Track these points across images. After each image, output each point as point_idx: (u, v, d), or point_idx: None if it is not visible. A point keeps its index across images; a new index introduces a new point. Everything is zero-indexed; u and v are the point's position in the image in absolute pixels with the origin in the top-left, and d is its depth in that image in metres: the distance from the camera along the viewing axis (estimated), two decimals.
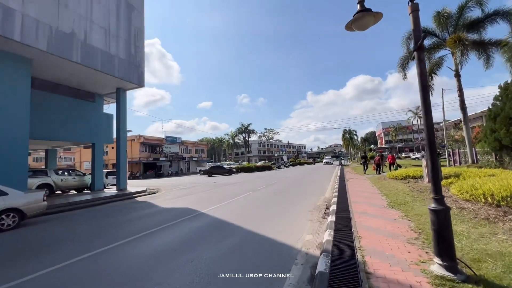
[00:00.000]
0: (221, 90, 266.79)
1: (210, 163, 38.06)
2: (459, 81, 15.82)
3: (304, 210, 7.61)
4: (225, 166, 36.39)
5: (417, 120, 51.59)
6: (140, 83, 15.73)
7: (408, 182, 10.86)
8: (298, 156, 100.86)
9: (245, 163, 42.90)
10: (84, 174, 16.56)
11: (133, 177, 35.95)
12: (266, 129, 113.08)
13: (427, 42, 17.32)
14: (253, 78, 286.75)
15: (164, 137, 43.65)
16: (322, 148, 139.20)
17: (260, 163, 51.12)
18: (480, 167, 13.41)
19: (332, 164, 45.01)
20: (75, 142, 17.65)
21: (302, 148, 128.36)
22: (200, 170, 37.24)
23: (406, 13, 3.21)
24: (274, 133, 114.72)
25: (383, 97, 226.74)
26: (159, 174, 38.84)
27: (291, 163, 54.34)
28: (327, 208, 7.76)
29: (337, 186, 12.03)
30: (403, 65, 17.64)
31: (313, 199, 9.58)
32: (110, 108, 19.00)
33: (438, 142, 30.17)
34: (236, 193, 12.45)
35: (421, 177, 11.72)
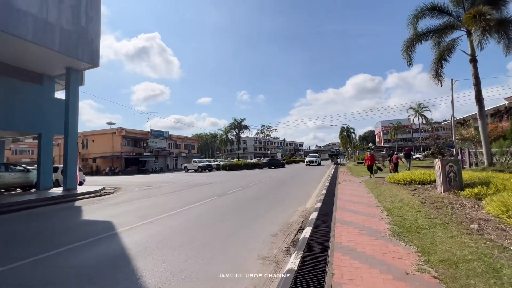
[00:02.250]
0: (221, 86, 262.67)
1: (197, 159, 35.48)
2: (475, 67, 13.29)
3: (266, 233, 5.09)
4: (213, 163, 33.98)
5: (418, 118, 49.13)
6: (93, 62, 13.04)
7: (415, 189, 8.36)
8: (295, 154, 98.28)
9: (234, 160, 40.35)
10: (28, 170, 13.95)
11: (112, 173, 33.35)
12: (263, 125, 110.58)
13: (437, 22, 14.76)
14: (253, 75, 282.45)
15: (149, 130, 40.94)
16: (320, 146, 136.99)
17: (255, 160, 48.67)
18: (500, 171, 10.97)
19: (318, 164, 36.65)
20: (21, 132, 15.01)
21: (300, 146, 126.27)
22: (185, 167, 34.76)
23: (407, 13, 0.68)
24: (272, 130, 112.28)
25: (383, 97, 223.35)
26: (142, 170, 36.24)
27: (285, 161, 51.74)
28: (301, 229, 5.25)
29: (325, 191, 9.55)
30: (409, 49, 15.05)
31: (288, 211, 7.06)
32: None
33: (441, 141, 27.73)
34: (200, 197, 9.94)
35: (431, 182, 9.22)
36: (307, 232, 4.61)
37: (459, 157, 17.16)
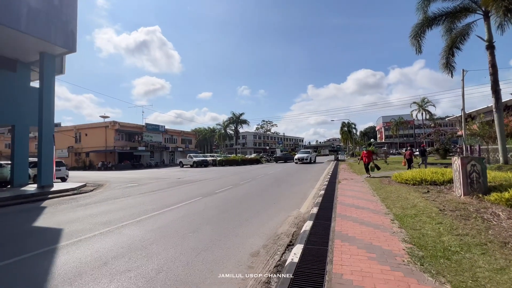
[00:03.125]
0: (221, 81, 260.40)
1: (193, 154, 34.34)
2: (492, 54, 12.00)
3: (245, 250, 3.97)
4: (209, 159, 32.95)
5: (422, 114, 47.71)
6: (69, 47, 11.80)
7: (428, 191, 7.20)
8: (295, 149, 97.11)
9: (231, 156, 39.25)
10: (1, 165, 12.85)
11: (105, 167, 32.30)
12: (263, 121, 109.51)
13: (450, 5, 13.39)
14: (254, 69, 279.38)
15: (144, 124, 39.73)
16: (320, 142, 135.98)
17: (253, 155, 47.74)
18: None
19: (311, 162, 29.40)
20: None
21: (300, 141, 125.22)
22: (180, 162, 33.72)
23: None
24: (272, 125, 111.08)
25: (385, 93, 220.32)
26: (136, 165, 35.17)
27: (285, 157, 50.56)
28: (290, 244, 4.14)
29: (324, 191, 8.43)
30: (418, 35, 13.74)
31: (278, 217, 5.94)
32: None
33: (447, 137, 26.55)
34: (183, 198, 8.84)
35: (444, 183, 8.06)
36: (296, 253, 3.48)
37: (469, 154, 15.97)
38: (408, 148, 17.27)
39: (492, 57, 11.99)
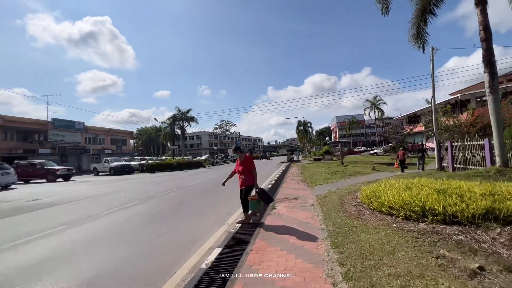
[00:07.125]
0: (180, 79, 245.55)
1: (112, 158, 26.85)
2: (483, 12, 8.56)
3: None
4: (133, 163, 26.11)
5: (374, 112, 47.53)
6: None
7: (484, 269, 2.62)
8: (254, 149, 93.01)
9: (167, 159, 32.56)
10: None
11: None
12: (222, 120, 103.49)
13: None
14: (214, 69, 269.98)
15: (50, 120, 30.48)
16: (280, 142, 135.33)
17: (204, 157, 42.10)
18: None
19: None
20: None
21: (259, 141, 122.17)
22: (94, 168, 26.08)
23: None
24: (232, 125, 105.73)
25: (337, 96, 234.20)
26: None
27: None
28: None
29: (231, 239, 3.35)
30: None
31: None
32: None
33: (404, 134, 24.50)
34: None
35: (476, 219, 3.66)
36: None
37: (441, 153, 12.86)
38: (401, 148, 14.35)
39: (484, 16, 8.54)
